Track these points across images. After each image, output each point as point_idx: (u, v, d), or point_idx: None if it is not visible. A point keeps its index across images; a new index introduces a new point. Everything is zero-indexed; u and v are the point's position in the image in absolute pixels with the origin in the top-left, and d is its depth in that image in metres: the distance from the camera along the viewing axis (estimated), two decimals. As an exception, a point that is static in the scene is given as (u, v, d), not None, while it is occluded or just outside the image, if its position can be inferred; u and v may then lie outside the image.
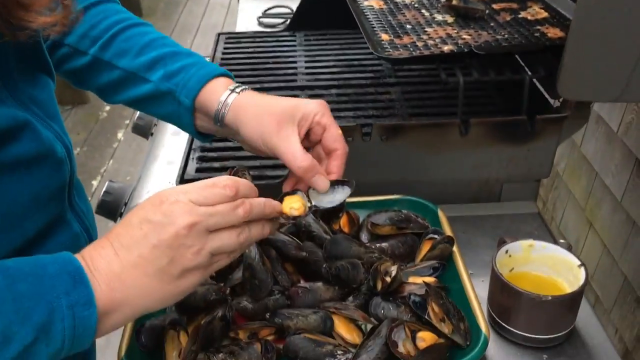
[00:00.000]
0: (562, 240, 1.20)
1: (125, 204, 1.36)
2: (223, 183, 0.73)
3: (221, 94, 0.95)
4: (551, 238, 1.19)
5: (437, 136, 1.20)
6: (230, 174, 1.00)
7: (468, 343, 0.93)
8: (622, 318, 1.70)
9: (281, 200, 0.89)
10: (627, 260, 1.59)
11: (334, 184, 0.96)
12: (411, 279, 1.04)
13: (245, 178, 0.94)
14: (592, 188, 1.88)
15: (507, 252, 1.00)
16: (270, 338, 0.94)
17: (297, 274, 1.06)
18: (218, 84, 0.97)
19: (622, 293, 1.91)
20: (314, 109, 0.94)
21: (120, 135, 4.07)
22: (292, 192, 0.94)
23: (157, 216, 0.68)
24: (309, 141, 0.98)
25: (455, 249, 1.07)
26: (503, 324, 0.97)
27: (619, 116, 1.59)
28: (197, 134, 1.02)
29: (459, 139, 1.21)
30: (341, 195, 0.96)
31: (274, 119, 0.92)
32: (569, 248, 1.22)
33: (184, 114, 0.98)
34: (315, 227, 1.11)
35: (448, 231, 1.10)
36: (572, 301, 0.92)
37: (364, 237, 1.13)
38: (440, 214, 1.14)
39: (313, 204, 0.95)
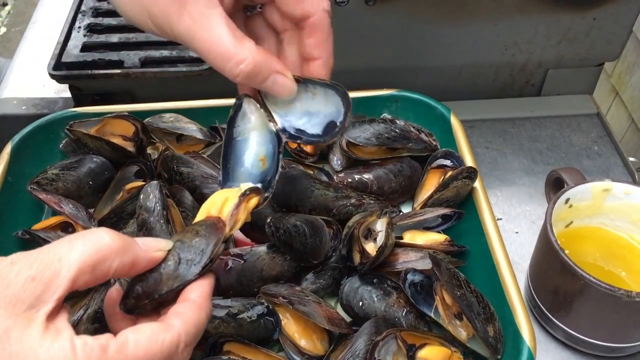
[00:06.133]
0: (632, 159, 0.82)
1: None
2: None
3: None
4: (617, 154, 0.80)
5: (454, -4, 0.76)
6: None
7: (499, 357, 0.56)
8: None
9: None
10: (661, 140, 1.25)
11: (307, 82, 0.53)
12: (408, 237, 0.66)
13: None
14: (624, 49, 1.52)
15: (567, 201, 0.61)
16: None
17: (229, 227, 0.67)
18: None
19: (650, 176, 1.64)
20: None
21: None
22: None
23: None
24: (247, 9, 0.54)
25: (478, 184, 0.67)
26: (554, 320, 0.60)
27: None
28: None
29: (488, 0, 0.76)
30: (327, 105, 0.54)
31: None
32: (641, 169, 0.83)
33: None
34: (257, 149, 0.69)
35: (468, 156, 0.70)
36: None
37: (336, 161, 0.73)
38: (454, 122, 0.73)
39: (279, 125, 0.54)
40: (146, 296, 0.44)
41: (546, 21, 0.79)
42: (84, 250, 0.39)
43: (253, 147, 0.56)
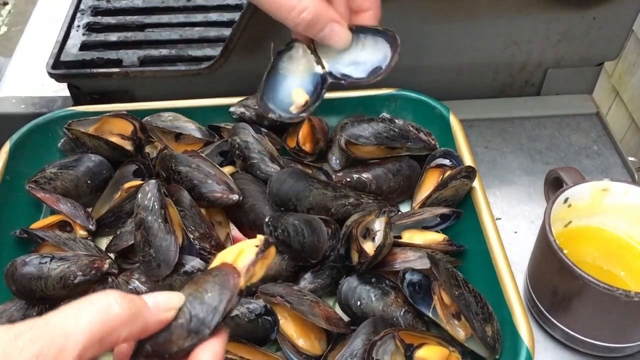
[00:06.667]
0: (631, 159, 0.81)
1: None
2: None
3: None
4: (617, 154, 0.80)
5: (453, -4, 0.76)
6: None
7: (497, 357, 0.56)
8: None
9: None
10: (662, 140, 1.24)
11: (359, 32, 0.57)
12: (407, 236, 0.65)
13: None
14: (625, 49, 1.52)
15: (566, 201, 0.61)
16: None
17: (227, 226, 0.67)
18: None
19: (650, 178, 1.62)
20: None
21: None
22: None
23: None
24: None
25: (477, 184, 0.67)
26: (553, 319, 0.60)
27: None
28: None
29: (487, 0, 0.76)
30: (375, 54, 0.58)
31: None
32: (640, 169, 0.83)
33: None
34: (256, 148, 0.70)
35: (467, 156, 0.70)
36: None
37: (335, 161, 0.73)
38: (454, 121, 0.73)
39: (327, 69, 0.58)
40: (156, 355, 0.41)
41: (545, 20, 0.79)
42: (92, 322, 0.37)
43: (294, 82, 0.59)
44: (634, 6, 0.78)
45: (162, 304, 0.41)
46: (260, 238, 0.45)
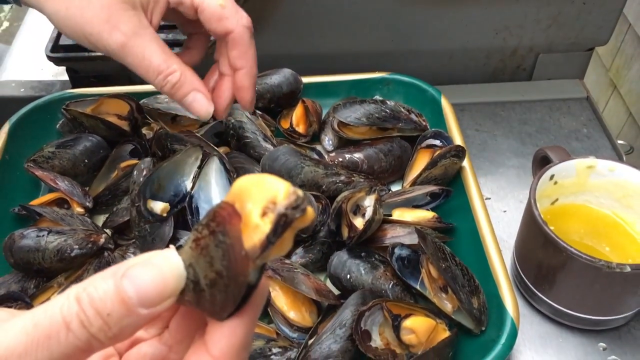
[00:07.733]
0: (620, 142, 0.83)
1: None
2: None
3: None
4: (606, 137, 0.81)
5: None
6: None
7: (483, 329, 0.58)
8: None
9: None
10: (659, 133, 1.26)
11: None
12: (397, 214, 0.67)
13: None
14: (622, 43, 1.52)
15: (552, 177, 0.62)
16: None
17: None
18: None
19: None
20: None
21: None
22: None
23: None
24: (186, 24, 0.60)
25: (466, 163, 0.68)
26: (538, 293, 0.62)
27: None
28: None
29: (479, -16, 0.78)
30: None
31: (98, 6, 0.52)
32: (630, 151, 0.84)
33: None
34: (249, 128, 0.71)
35: (457, 135, 0.71)
36: (660, 269, 0.56)
37: (328, 141, 0.74)
38: (445, 104, 0.75)
39: (193, 191, 0.65)
40: None
41: (536, 5, 0.80)
42: None
43: (182, 175, 0.64)
44: (623, -8, 0.79)
45: (152, 297, 0.26)
46: (288, 191, 0.27)
